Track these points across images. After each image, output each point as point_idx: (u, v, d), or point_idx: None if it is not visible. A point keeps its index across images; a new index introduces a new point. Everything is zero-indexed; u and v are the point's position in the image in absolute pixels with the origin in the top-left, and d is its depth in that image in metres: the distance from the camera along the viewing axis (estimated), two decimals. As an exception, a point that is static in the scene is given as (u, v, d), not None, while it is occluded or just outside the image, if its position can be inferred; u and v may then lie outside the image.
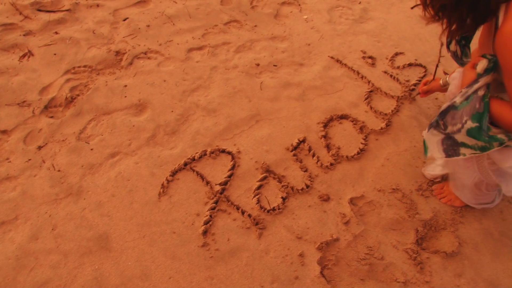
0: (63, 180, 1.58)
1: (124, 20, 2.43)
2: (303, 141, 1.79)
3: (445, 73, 2.28)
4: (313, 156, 1.73)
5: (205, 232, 1.42)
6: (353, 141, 1.82)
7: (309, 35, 2.49)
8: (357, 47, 2.42)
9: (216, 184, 1.59)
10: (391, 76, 2.21)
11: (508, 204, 1.62)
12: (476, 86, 1.11)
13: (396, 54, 2.40)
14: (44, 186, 1.55)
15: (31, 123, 1.80)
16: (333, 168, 1.69)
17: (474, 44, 1.26)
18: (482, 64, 1.11)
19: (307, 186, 1.60)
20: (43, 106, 1.87)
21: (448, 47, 1.32)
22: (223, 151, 1.72)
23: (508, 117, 1.06)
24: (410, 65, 2.32)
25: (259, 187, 1.59)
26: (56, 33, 2.28)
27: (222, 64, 2.20)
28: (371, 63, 2.30)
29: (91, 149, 1.69)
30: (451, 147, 1.23)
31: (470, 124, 1.10)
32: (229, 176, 1.62)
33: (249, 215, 1.49)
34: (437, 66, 1.78)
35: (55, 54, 2.14)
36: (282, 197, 1.56)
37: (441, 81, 1.65)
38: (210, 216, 1.47)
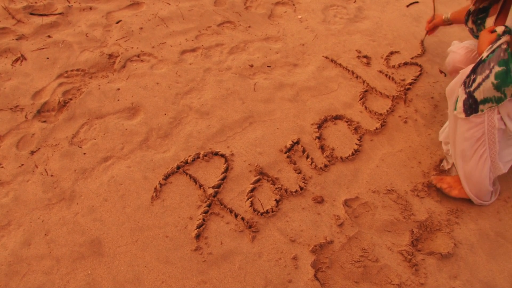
0: (56, 185, 1.57)
1: (117, 22, 2.42)
2: (297, 142, 1.78)
3: (441, 72, 2.27)
4: (307, 157, 1.72)
5: (198, 236, 1.41)
6: (347, 142, 1.81)
7: (303, 35, 2.48)
8: (352, 46, 2.41)
9: (209, 187, 1.58)
10: (386, 75, 2.20)
11: (505, 203, 1.61)
12: (499, 42, 1.33)
13: (391, 53, 2.38)
14: (36, 191, 1.54)
15: (24, 128, 1.79)
16: (327, 170, 1.68)
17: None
18: (501, 28, 1.37)
19: (301, 188, 1.59)
20: (35, 111, 1.86)
21: (466, 24, 1.66)
22: (216, 153, 1.71)
23: None
24: (405, 64, 2.30)
25: (252, 190, 1.58)
26: (49, 36, 2.27)
27: (215, 65, 2.19)
28: (366, 63, 2.28)
29: (84, 154, 1.69)
30: (471, 107, 1.40)
31: (497, 68, 1.30)
32: (222, 179, 1.61)
33: (242, 218, 1.47)
34: (434, 1, 2.13)
35: (47, 58, 2.13)
36: (275, 200, 1.54)
37: (443, 16, 2.02)
38: (203, 219, 1.46)
